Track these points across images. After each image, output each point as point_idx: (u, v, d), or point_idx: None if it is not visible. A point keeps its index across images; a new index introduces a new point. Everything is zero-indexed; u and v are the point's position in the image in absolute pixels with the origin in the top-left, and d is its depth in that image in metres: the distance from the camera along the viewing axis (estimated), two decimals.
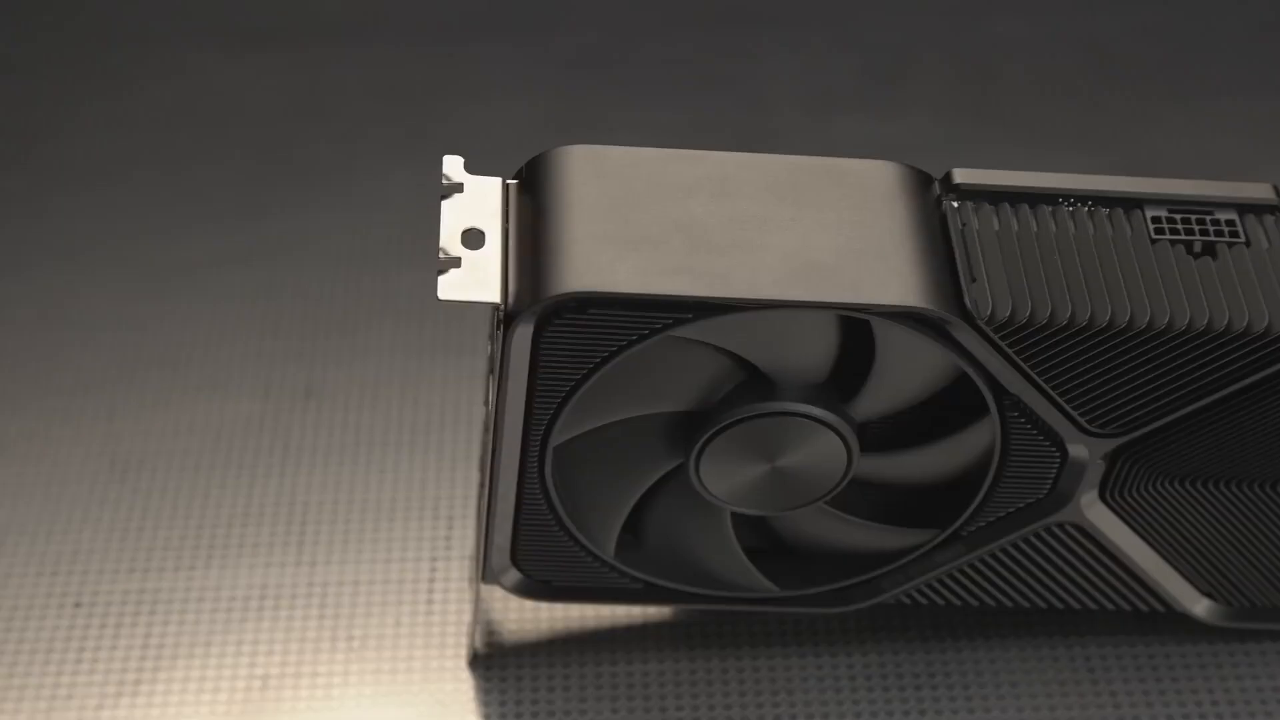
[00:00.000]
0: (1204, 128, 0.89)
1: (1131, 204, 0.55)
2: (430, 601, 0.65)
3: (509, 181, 0.55)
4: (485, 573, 0.60)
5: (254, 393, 0.74)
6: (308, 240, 0.82)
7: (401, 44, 0.95)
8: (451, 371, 0.74)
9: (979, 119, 0.91)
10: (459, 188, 0.54)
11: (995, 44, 0.96)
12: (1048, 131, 0.90)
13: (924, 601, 0.61)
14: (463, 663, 0.63)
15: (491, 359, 0.53)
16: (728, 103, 0.92)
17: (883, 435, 0.57)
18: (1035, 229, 0.54)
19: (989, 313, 0.52)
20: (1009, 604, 0.61)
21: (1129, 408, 0.55)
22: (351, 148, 0.89)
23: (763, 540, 0.61)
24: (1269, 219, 0.55)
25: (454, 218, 0.53)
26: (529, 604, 0.64)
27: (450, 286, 0.51)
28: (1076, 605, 0.61)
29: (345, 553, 0.67)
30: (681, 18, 0.97)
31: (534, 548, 0.59)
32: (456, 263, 0.52)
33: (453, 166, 0.54)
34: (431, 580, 0.66)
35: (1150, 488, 0.57)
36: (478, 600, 0.62)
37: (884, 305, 0.52)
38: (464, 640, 0.63)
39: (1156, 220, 0.55)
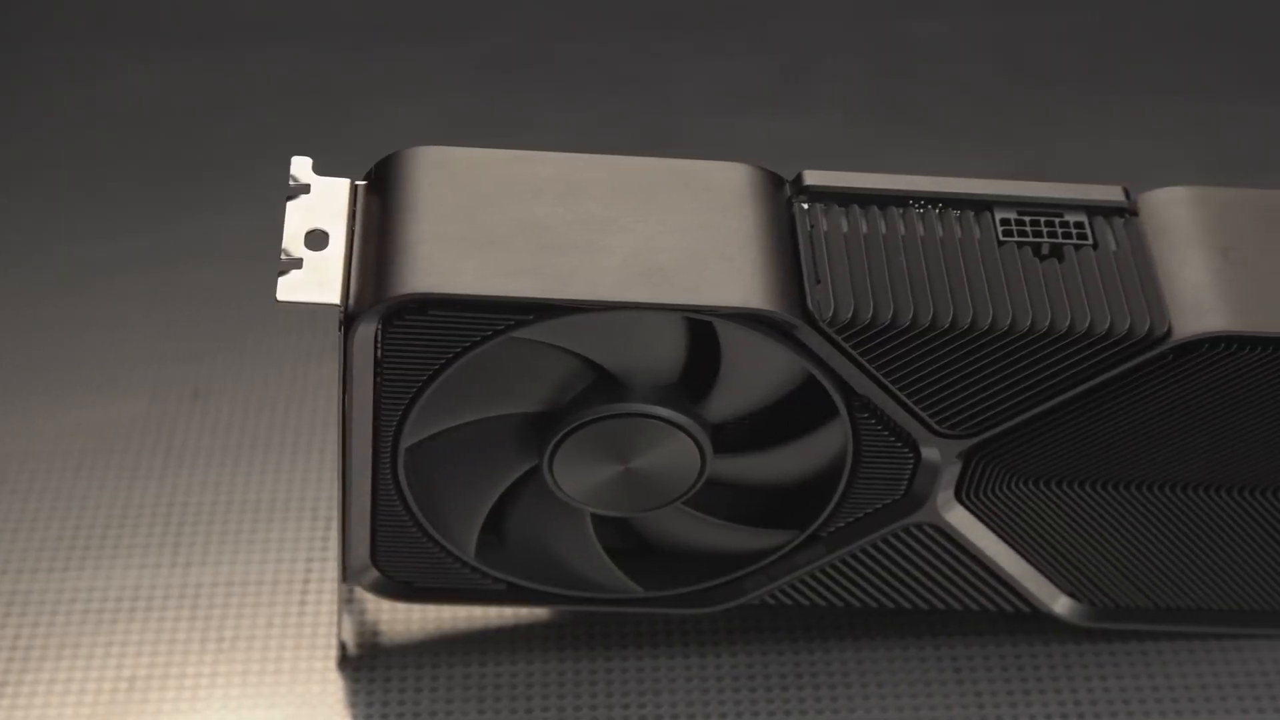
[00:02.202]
0: (1113, 130, 0.89)
1: (982, 206, 0.55)
2: (303, 603, 0.65)
3: (358, 183, 0.55)
4: (345, 573, 0.60)
5: (141, 394, 0.74)
6: (209, 242, 0.82)
7: (314, 44, 0.95)
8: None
9: (889, 120, 0.91)
10: (306, 189, 0.54)
11: (907, 45, 0.96)
12: (957, 132, 0.90)
13: (789, 602, 0.61)
14: (332, 664, 0.63)
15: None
16: (636, 104, 0.92)
17: (738, 436, 0.57)
18: (884, 231, 0.54)
19: (831, 314, 0.52)
20: (874, 604, 0.61)
21: (978, 409, 0.55)
22: (260, 149, 0.89)
23: (626, 541, 0.61)
24: (1118, 221, 0.56)
25: (299, 219, 0.53)
26: (402, 605, 0.64)
27: (289, 288, 0.51)
28: (941, 606, 0.61)
29: (221, 554, 0.67)
30: (594, 20, 0.97)
31: (393, 548, 0.59)
32: (298, 264, 0.52)
33: (300, 167, 0.54)
34: (306, 581, 0.66)
35: (1005, 488, 0.57)
36: (343, 601, 0.62)
37: (724, 307, 0.52)
38: (334, 641, 0.63)
39: (1005, 222, 0.55)
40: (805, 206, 0.55)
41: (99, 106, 0.90)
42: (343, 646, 0.63)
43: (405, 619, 0.64)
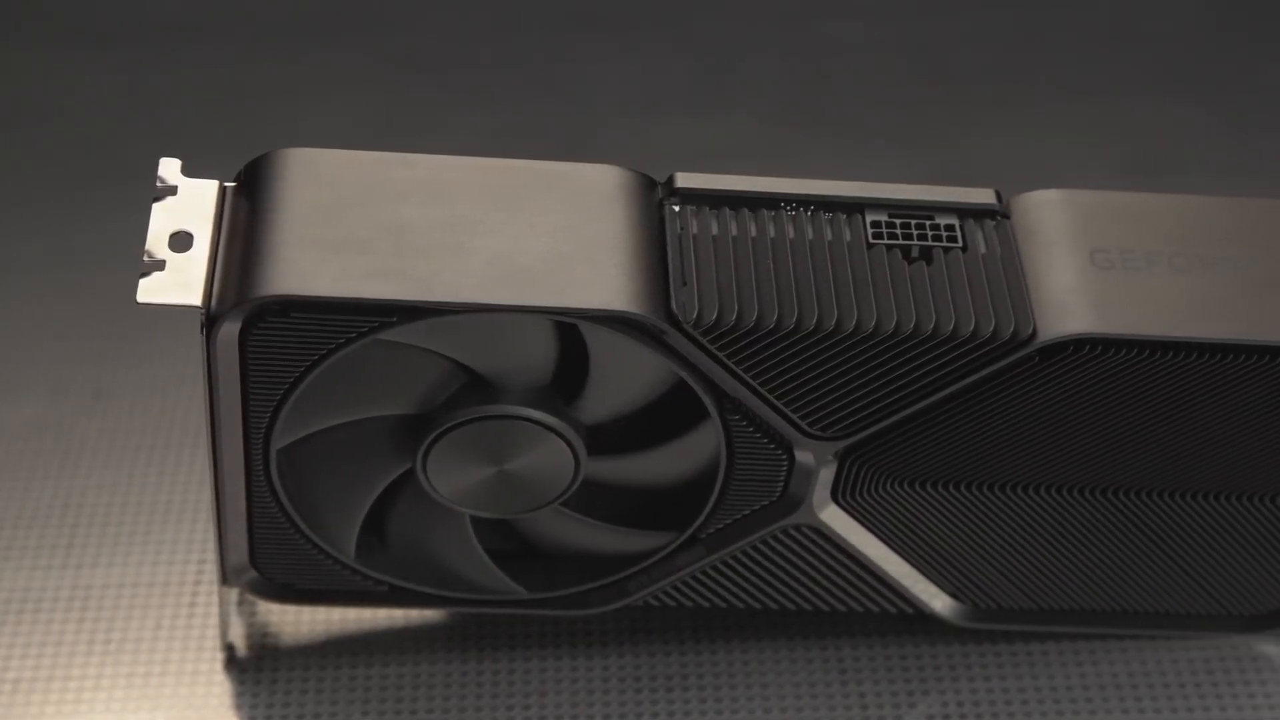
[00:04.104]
0: (1029, 130, 0.90)
1: (853, 208, 0.55)
2: (193, 604, 0.65)
3: (227, 185, 0.55)
4: (224, 575, 0.60)
5: (42, 395, 0.74)
6: (118, 243, 0.81)
7: (232, 45, 0.95)
8: None
9: (806, 121, 0.92)
10: (172, 190, 0.54)
11: (826, 46, 0.96)
12: (875, 134, 0.90)
13: (672, 604, 0.61)
14: (219, 666, 0.63)
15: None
16: (553, 106, 0.92)
17: (614, 438, 0.57)
18: (753, 233, 0.55)
19: (695, 317, 0.52)
20: (757, 606, 0.62)
21: (848, 411, 0.55)
22: (173, 149, 0.88)
23: (509, 543, 0.61)
24: (989, 223, 0.56)
25: (164, 220, 0.53)
26: (291, 606, 0.64)
27: (150, 290, 0.51)
28: (825, 607, 0.62)
29: (114, 556, 0.67)
30: (513, 21, 0.97)
31: (271, 550, 0.59)
32: (160, 266, 0.52)
33: (169, 169, 0.54)
34: (197, 583, 0.66)
35: (881, 490, 0.58)
36: (227, 603, 0.62)
37: (587, 309, 0.52)
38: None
39: (875, 225, 0.55)
40: (676, 209, 0.55)
41: (5, 107, 0.90)
42: (230, 648, 0.63)
43: (295, 620, 0.64)
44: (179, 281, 0.51)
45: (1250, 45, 0.93)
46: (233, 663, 0.63)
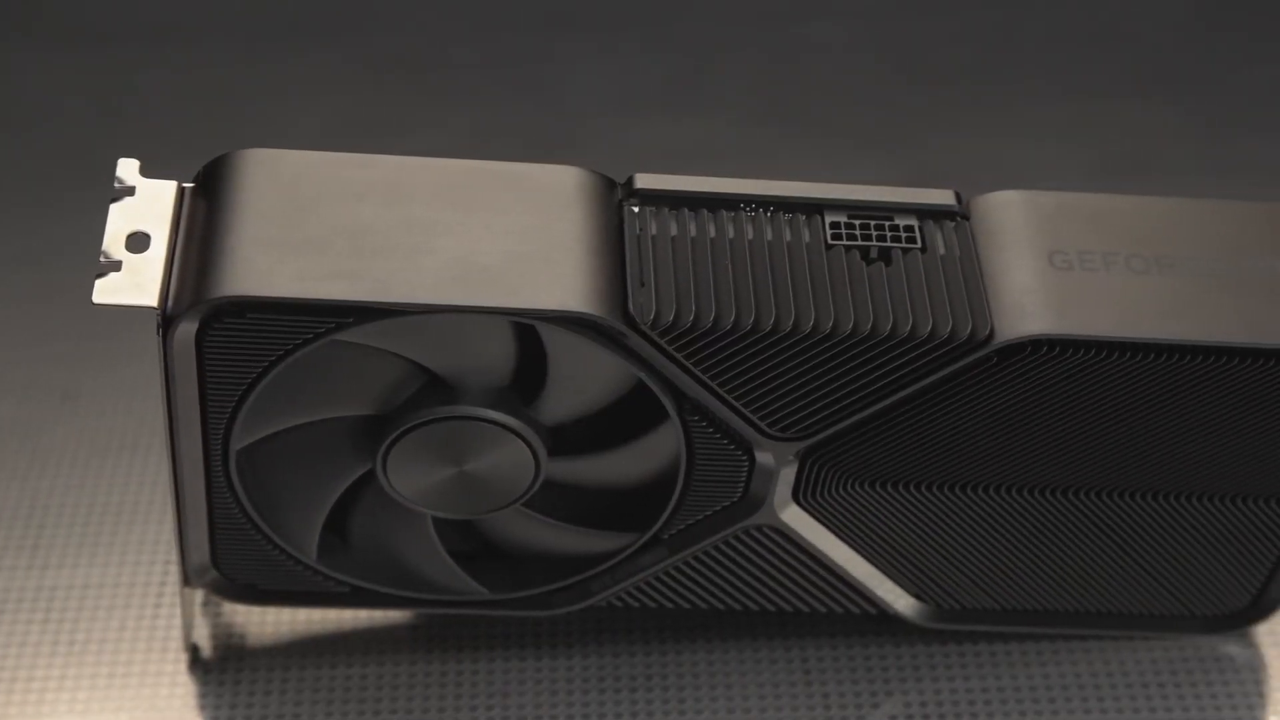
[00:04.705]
0: (1005, 131, 0.90)
1: (813, 209, 0.55)
2: (158, 605, 0.65)
3: (185, 185, 0.55)
4: (186, 576, 0.60)
5: (10, 396, 0.74)
6: (87, 245, 0.81)
7: (206, 46, 0.95)
8: None
9: (783, 122, 0.92)
10: (130, 191, 0.54)
11: (804, 47, 0.96)
12: (852, 135, 0.90)
13: (636, 604, 0.61)
14: (183, 667, 0.63)
15: None
16: (529, 107, 0.92)
17: (576, 438, 0.57)
18: (712, 234, 0.54)
19: (653, 318, 0.52)
20: (721, 607, 0.62)
21: (808, 412, 0.55)
22: (146, 151, 0.88)
23: (471, 543, 0.61)
24: (949, 225, 0.56)
25: (121, 221, 0.53)
26: (256, 607, 0.64)
27: (106, 290, 0.51)
28: (788, 608, 0.62)
29: (80, 557, 0.67)
30: (490, 23, 0.97)
31: (233, 551, 0.59)
32: (117, 266, 0.52)
33: (127, 170, 0.54)
34: (163, 584, 0.66)
35: (842, 490, 0.58)
36: (190, 604, 0.62)
37: (543, 310, 0.52)
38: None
39: (835, 226, 0.55)
40: (635, 209, 0.55)
41: None
42: (194, 649, 0.63)
43: (260, 621, 0.64)
44: (135, 282, 0.51)
45: (1226, 47, 0.93)
46: (197, 663, 0.63)
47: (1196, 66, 0.93)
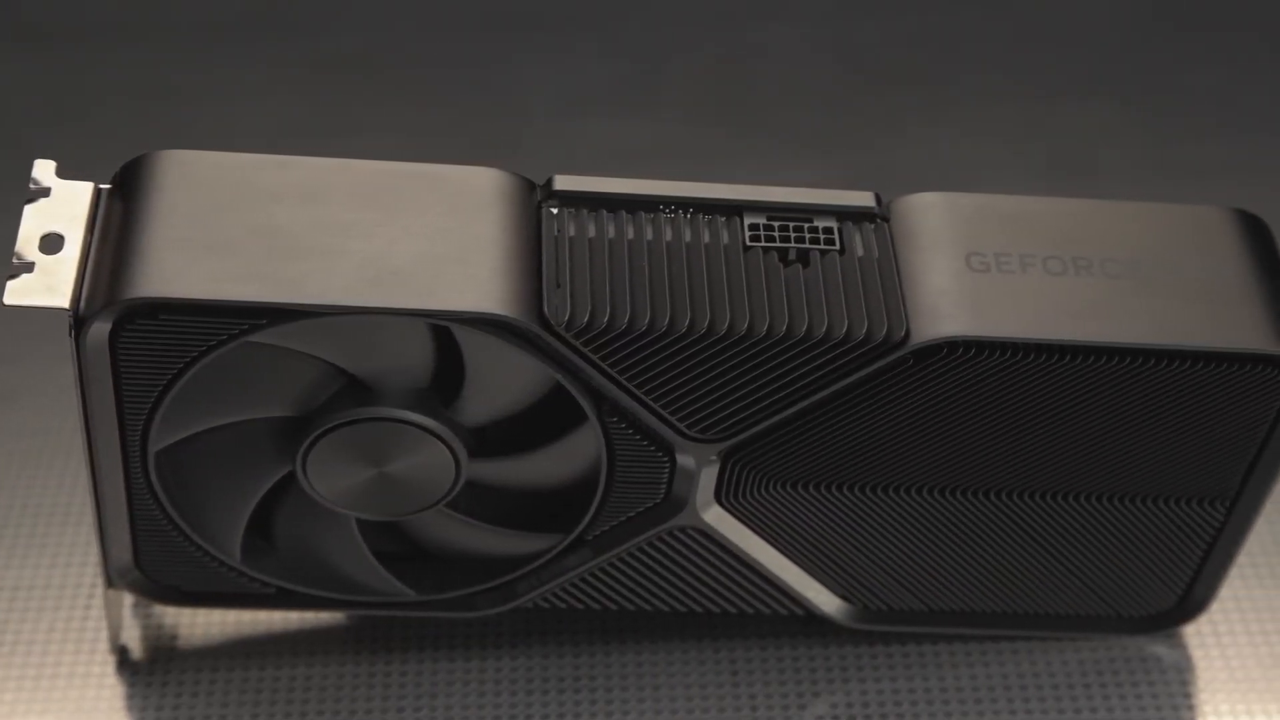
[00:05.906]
0: (951, 132, 0.90)
1: (732, 211, 0.55)
2: (89, 607, 0.65)
3: (103, 187, 0.55)
4: (109, 578, 0.59)
5: None
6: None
7: (153, 46, 0.95)
8: None
9: (733, 123, 0.92)
10: (46, 192, 0.53)
11: (752, 49, 0.96)
12: (800, 136, 0.91)
13: (563, 605, 0.61)
14: (111, 668, 0.63)
15: None
16: (478, 108, 0.92)
17: (497, 440, 0.57)
18: (630, 235, 0.54)
19: (568, 319, 0.52)
20: (648, 607, 0.62)
21: (726, 413, 0.55)
22: (101, 149, 0.88)
23: (398, 545, 0.61)
24: (868, 226, 0.56)
25: (36, 222, 0.53)
26: (187, 609, 0.64)
27: (17, 292, 0.51)
28: (715, 609, 0.62)
29: (9, 558, 0.67)
30: (440, 24, 0.97)
31: (155, 552, 0.59)
32: (29, 268, 0.51)
33: (43, 171, 0.54)
34: (93, 586, 0.66)
35: (764, 491, 0.58)
36: (117, 605, 0.62)
37: (457, 311, 0.52)
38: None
39: (754, 228, 0.55)
40: (554, 211, 0.55)
41: None
42: (122, 650, 0.63)
43: (190, 623, 0.64)
44: (47, 284, 0.51)
45: (1170, 49, 0.93)
46: (125, 665, 0.63)
47: (1139, 69, 0.93)
